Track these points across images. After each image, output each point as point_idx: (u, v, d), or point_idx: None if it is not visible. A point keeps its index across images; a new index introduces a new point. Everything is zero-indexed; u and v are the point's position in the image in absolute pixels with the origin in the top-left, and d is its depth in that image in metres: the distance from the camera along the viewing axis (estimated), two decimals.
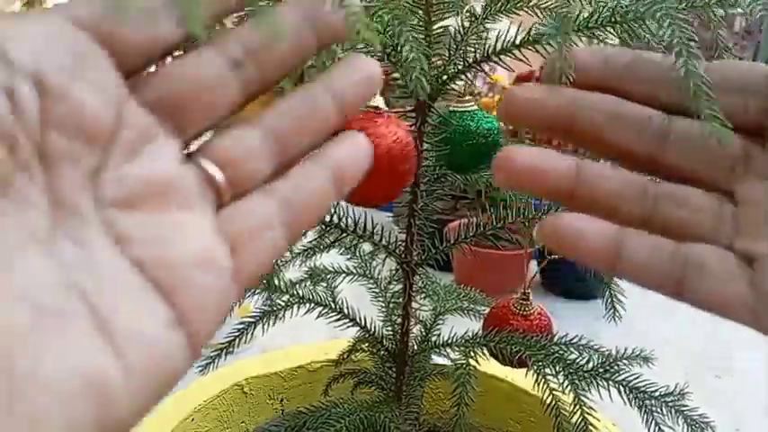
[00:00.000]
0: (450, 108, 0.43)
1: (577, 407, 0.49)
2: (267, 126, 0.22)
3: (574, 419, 0.50)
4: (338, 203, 0.48)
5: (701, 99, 0.17)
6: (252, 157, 0.21)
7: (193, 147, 0.22)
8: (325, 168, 0.22)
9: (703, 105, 0.18)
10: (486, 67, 0.42)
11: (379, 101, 0.35)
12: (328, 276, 0.66)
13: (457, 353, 0.57)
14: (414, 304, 0.57)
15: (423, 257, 0.54)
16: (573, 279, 1.75)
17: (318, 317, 0.61)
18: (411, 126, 0.44)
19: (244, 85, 0.21)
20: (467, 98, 0.43)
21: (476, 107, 0.43)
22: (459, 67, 0.41)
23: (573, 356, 0.51)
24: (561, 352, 0.51)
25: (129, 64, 0.19)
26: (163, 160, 0.20)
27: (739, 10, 0.33)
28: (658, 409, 0.49)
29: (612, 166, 0.24)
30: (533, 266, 0.78)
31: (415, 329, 0.62)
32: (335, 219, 0.48)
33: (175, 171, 0.20)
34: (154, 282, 0.18)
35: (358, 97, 0.23)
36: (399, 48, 0.30)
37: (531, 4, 0.39)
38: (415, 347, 0.60)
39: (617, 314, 0.56)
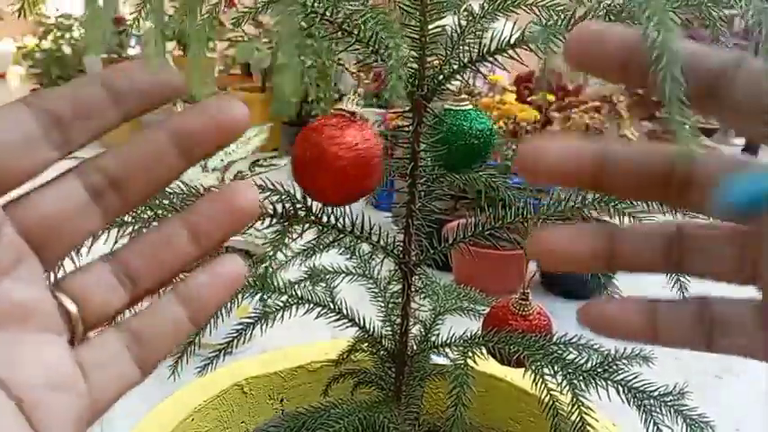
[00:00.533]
0: (445, 106, 0.43)
1: (575, 406, 0.49)
2: (121, 261, 0.22)
3: (572, 419, 0.50)
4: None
5: (675, 106, 0.17)
6: (104, 291, 0.22)
7: (57, 274, 0.23)
8: (182, 302, 0.23)
9: (675, 112, 0.17)
10: (485, 69, 0.42)
11: (351, 104, 0.36)
12: (327, 276, 0.66)
13: (456, 353, 0.57)
14: (413, 304, 0.57)
15: (421, 257, 0.54)
16: (573, 279, 1.75)
17: (318, 317, 0.61)
18: (407, 126, 0.44)
19: (105, 212, 0.22)
20: (462, 97, 0.43)
21: (470, 106, 0.43)
22: (455, 67, 0.41)
23: (571, 356, 0.51)
24: (560, 352, 0.51)
25: (8, 186, 0.20)
26: (28, 284, 0.20)
27: (738, 10, 0.33)
28: (657, 409, 0.49)
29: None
30: (533, 266, 0.78)
31: (415, 329, 0.62)
32: (333, 219, 0.48)
33: (38, 296, 0.21)
34: (16, 400, 0.19)
35: (218, 232, 0.23)
36: (387, 51, 0.30)
37: (528, 2, 0.39)
38: (415, 347, 0.60)
39: None
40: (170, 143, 0.22)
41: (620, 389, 0.50)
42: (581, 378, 0.49)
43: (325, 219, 0.48)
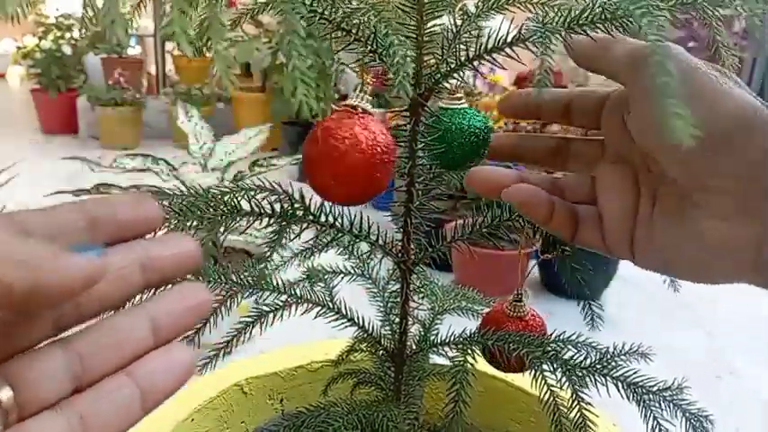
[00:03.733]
0: (440, 105, 0.43)
1: (575, 403, 0.49)
2: (74, 349, 0.22)
3: (572, 416, 0.50)
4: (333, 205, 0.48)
5: (666, 98, 0.17)
6: (49, 379, 0.21)
7: None
8: (132, 384, 0.22)
9: (667, 104, 0.18)
10: (484, 69, 0.42)
11: (361, 100, 0.35)
12: (326, 276, 0.66)
13: (455, 351, 0.57)
14: (412, 304, 0.57)
15: (420, 257, 0.54)
16: (573, 279, 1.75)
17: (317, 317, 0.61)
18: (405, 125, 0.44)
19: (57, 321, 0.22)
20: (458, 95, 0.43)
21: (466, 105, 0.43)
22: (452, 66, 0.41)
23: (570, 353, 0.51)
24: (558, 349, 0.51)
25: None
26: None
27: (737, 10, 0.33)
28: (656, 404, 0.49)
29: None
30: (532, 266, 0.78)
31: (414, 329, 0.62)
32: (332, 219, 0.48)
33: None
34: None
35: (177, 327, 0.23)
36: (388, 49, 0.30)
37: (523, 0, 0.39)
38: (414, 347, 0.60)
39: (596, 322, 0.57)
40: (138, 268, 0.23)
41: (620, 385, 0.50)
42: (580, 374, 0.49)
43: (323, 218, 0.48)
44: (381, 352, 0.61)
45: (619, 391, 0.50)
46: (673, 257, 0.34)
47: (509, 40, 0.37)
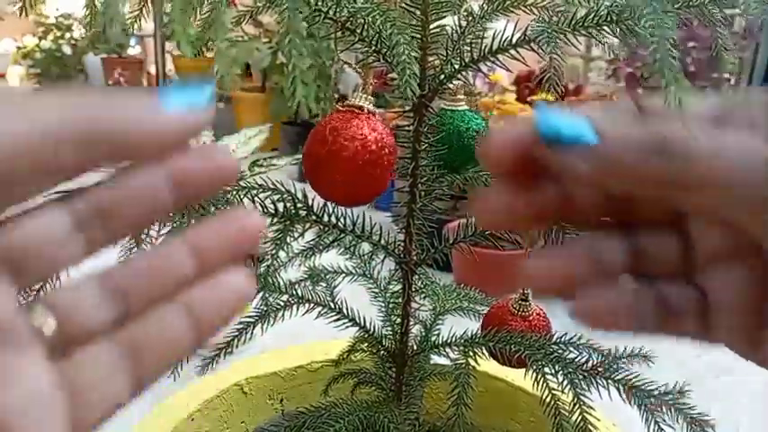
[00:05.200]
0: (441, 106, 0.43)
1: (577, 406, 0.49)
2: (113, 275, 0.22)
3: (573, 418, 0.50)
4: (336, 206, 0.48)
5: (671, 82, 0.17)
6: (92, 309, 0.21)
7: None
8: (185, 314, 0.22)
9: (672, 91, 0.18)
10: (485, 68, 0.42)
11: (364, 100, 0.35)
12: (327, 276, 0.66)
13: (456, 353, 0.57)
14: (413, 304, 0.57)
15: (422, 257, 0.54)
16: None
17: (318, 317, 0.61)
18: (408, 126, 0.44)
19: (88, 242, 0.21)
20: (458, 97, 0.43)
21: (466, 107, 0.43)
22: (456, 67, 0.41)
23: (572, 355, 0.51)
24: (560, 351, 0.51)
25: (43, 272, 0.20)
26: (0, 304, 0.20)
27: (737, 10, 0.33)
28: (658, 408, 0.49)
29: None
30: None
31: (415, 329, 0.62)
32: (334, 219, 0.48)
33: (11, 316, 0.20)
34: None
35: (223, 253, 0.22)
36: (393, 49, 0.30)
37: (527, 2, 0.39)
38: (415, 347, 0.60)
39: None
40: (165, 181, 0.21)
41: (621, 388, 0.50)
42: (582, 377, 0.49)
43: (326, 218, 0.48)
44: (382, 352, 0.61)
45: (620, 394, 0.50)
46: None
47: (514, 41, 0.37)
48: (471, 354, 0.54)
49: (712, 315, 0.23)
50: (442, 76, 0.42)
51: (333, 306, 0.61)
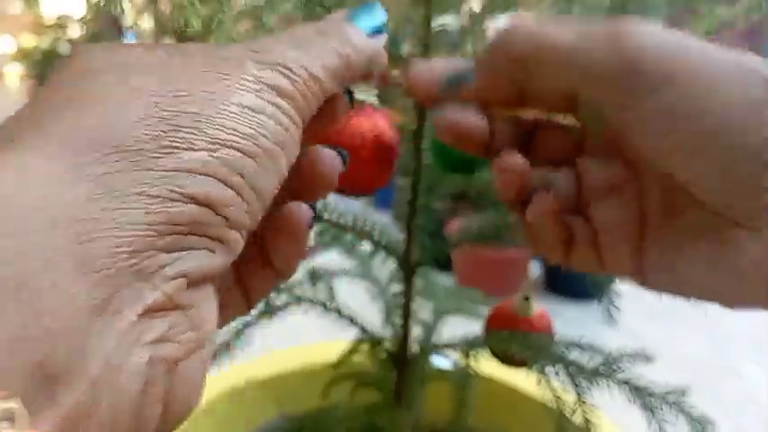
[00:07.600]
0: None
1: (579, 406, 0.49)
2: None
3: (576, 419, 0.49)
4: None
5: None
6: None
7: None
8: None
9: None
10: None
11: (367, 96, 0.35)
12: (327, 276, 0.65)
13: (458, 354, 0.57)
14: (414, 305, 0.56)
15: (423, 258, 0.53)
16: (575, 280, 1.74)
17: (318, 318, 0.60)
18: (410, 124, 0.44)
19: None
20: None
21: None
22: None
23: (574, 356, 0.51)
24: (562, 351, 0.51)
25: None
26: None
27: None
28: (660, 408, 0.49)
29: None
30: (535, 268, 0.77)
31: (416, 331, 0.61)
32: (335, 216, 0.48)
33: None
34: None
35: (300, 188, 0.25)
36: (398, 44, 0.30)
37: (529, 1, 0.39)
38: (416, 349, 0.60)
39: (612, 317, 0.56)
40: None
41: (623, 388, 0.49)
42: (584, 377, 0.49)
43: (326, 216, 0.48)
44: (383, 354, 0.60)
45: (623, 394, 0.50)
46: (692, 280, 0.27)
47: None
48: (473, 355, 0.54)
49: (599, 239, 0.28)
50: None
51: (333, 307, 0.60)
